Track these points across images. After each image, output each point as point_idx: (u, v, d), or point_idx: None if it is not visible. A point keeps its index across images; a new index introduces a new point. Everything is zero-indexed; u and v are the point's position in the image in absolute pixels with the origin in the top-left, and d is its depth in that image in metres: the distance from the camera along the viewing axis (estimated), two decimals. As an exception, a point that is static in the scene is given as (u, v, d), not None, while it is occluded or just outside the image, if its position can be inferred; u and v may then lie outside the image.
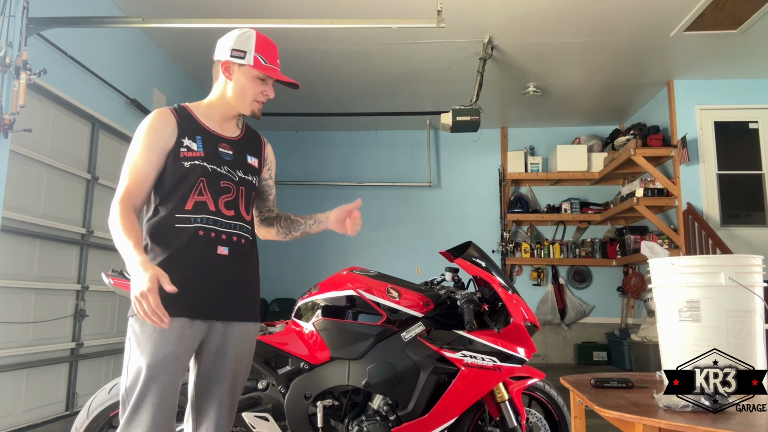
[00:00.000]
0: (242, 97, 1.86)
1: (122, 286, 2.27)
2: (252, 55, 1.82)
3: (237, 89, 1.85)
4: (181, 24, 4.40)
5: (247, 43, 1.83)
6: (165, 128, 1.78)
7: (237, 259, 1.81)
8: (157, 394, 1.62)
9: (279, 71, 1.89)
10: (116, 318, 4.85)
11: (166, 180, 1.76)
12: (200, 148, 1.80)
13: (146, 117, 1.81)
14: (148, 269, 1.51)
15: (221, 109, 1.89)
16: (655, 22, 5.02)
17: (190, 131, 1.81)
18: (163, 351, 1.64)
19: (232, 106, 1.88)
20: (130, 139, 1.80)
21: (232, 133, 1.92)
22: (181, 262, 1.71)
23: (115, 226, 1.63)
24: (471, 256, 2.42)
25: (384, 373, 2.25)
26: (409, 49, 5.59)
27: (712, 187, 6.17)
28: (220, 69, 1.87)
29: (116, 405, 2.22)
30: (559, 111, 7.41)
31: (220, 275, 1.77)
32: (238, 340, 1.82)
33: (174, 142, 1.77)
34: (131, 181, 1.72)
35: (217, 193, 1.80)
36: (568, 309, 7.58)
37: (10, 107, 3.33)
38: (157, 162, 1.76)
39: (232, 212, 1.82)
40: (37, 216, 3.87)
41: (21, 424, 3.71)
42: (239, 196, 1.86)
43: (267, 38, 1.89)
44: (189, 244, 1.73)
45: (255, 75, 1.84)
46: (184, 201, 1.76)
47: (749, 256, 1.68)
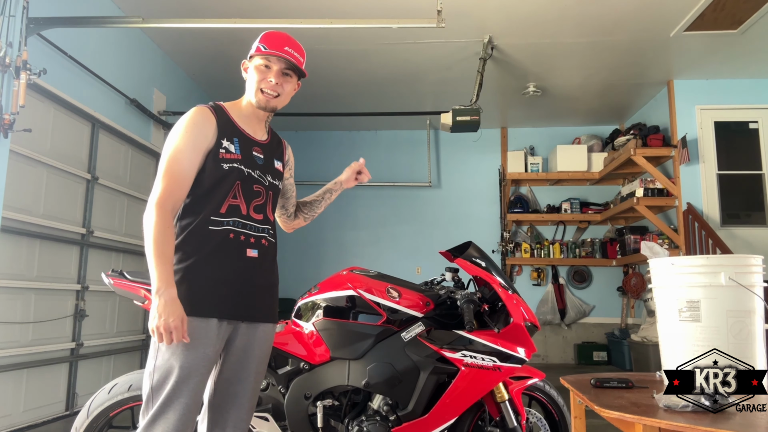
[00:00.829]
0: (251, 88, 1.88)
1: (122, 286, 2.26)
2: (255, 46, 1.86)
3: (248, 82, 1.90)
4: (181, 24, 4.40)
5: (256, 41, 1.88)
6: (207, 127, 1.76)
7: (264, 262, 1.84)
8: (188, 395, 1.64)
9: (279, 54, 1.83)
10: (116, 318, 4.85)
11: (205, 181, 1.75)
12: (238, 150, 1.80)
13: (185, 115, 1.79)
14: (177, 308, 1.58)
15: (249, 110, 1.91)
16: (655, 22, 5.02)
17: (228, 132, 1.81)
18: (194, 353, 1.65)
19: (251, 103, 1.90)
20: (130, 139, 1.80)
21: (262, 137, 1.94)
22: (212, 264, 1.72)
23: (151, 236, 1.61)
24: (471, 256, 2.42)
25: (384, 373, 2.25)
26: (409, 49, 5.59)
27: (712, 187, 6.17)
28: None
29: (116, 405, 2.22)
30: (559, 111, 7.41)
31: (249, 277, 1.79)
32: (260, 341, 1.85)
33: (214, 143, 1.76)
34: (173, 181, 1.68)
35: (250, 197, 1.82)
36: (568, 309, 7.59)
37: (10, 107, 3.33)
38: (198, 162, 1.74)
39: (260, 216, 1.85)
40: (37, 216, 3.87)
41: (21, 424, 3.71)
42: (268, 200, 1.88)
43: (276, 32, 1.91)
44: (220, 247, 1.74)
45: (257, 63, 1.87)
46: (219, 204, 1.76)
47: (749, 256, 1.68)
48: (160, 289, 1.58)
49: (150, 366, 1.68)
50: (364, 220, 8.02)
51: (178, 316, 1.58)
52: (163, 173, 1.69)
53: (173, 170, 1.69)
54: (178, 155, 1.71)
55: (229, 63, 5.97)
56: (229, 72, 6.17)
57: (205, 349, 1.67)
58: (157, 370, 1.66)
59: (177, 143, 1.72)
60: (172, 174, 1.69)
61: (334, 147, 8.12)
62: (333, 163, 8.03)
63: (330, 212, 7.88)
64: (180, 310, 1.59)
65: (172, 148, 1.72)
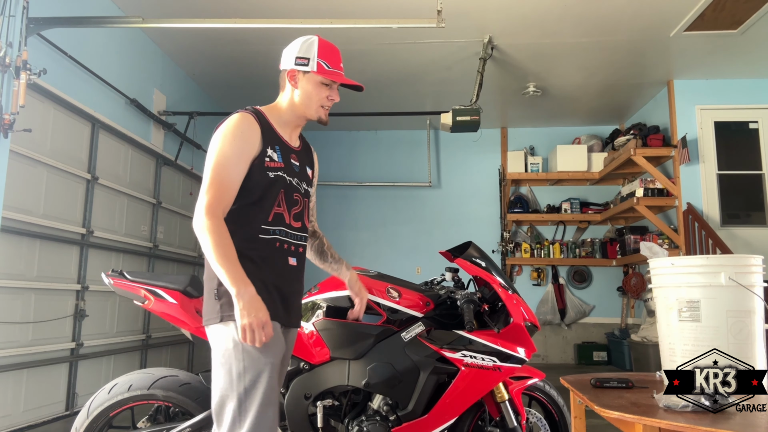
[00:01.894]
0: (308, 103, 1.87)
1: (122, 286, 2.26)
2: (315, 61, 1.84)
3: (303, 96, 1.86)
4: (181, 24, 4.40)
5: (310, 50, 1.85)
6: (253, 135, 1.75)
7: (301, 269, 1.90)
8: (275, 391, 1.70)
9: (342, 75, 1.90)
10: (116, 318, 4.85)
11: (252, 190, 1.74)
12: (280, 158, 1.81)
13: (230, 121, 1.75)
14: (262, 303, 1.62)
15: (290, 117, 1.90)
16: (655, 22, 5.02)
17: (271, 140, 1.80)
18: (275, 352, 1.70)
19: (300, 114, 1.89)
20: (130, 139, 1.80)
21: (296, 144, 1.95)
22: (264, 271, 1.74)
23: (211, 242, 1.60)
24: (471, 256, 2.42)
25: (384, 373, 2.25)
26: (409, 49, 5.59)
27: (712, 187, 6.17)
28: (287, 78, 1.88)
29: (116, 405, 2.21)
30: (559, 111, 7.41)
31: (290, 284, 1.83)
32: (290, 345, 1.92)
33: (260, 151, 1.75)
34: (221, 189, 1.67)
35: (290, 205, 1.83)
36: (568, 309, 7.59)
37: (10, 107, 3.33)
38: (245, 170, 1.73)
39: (299, 224, 1.87)
40: (37, 216, 3.87)
41: (21, 424, 3.71)
42: (305, 208, 1.91)
43: (329, 43, 1.90)
44: (270, 255, 1.77)
45: (319, 80, 1.85)
46: (267, 212, 1.77)
47: (749, 256, 1.68)
48: (240, 290, 1.59)
49: (237, 367, 1.65)
50: (364, 220, 8.01)
51: (266, 312, 1.61)
52: (210, 181, 1.67)
53: (221, 178, 1.68)
54: (226, 162, 1.69)
55: (229, 63, 5.97)
56: (229, 72, 6.17)
57: (281, 349, 1.74)
58: (248, 371, 1.64)
59: (224, 151, 1.70)
60: (220, 182, 1.67)
61: (334, 147, 8.11)
62: (333, 162, 8.04)
63: (330, 212, 7.91)
64: (264, 305, 1.61)
65: (219, 155, 1.70)
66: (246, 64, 5.92)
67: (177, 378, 2.27)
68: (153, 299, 2.24)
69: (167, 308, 2.23)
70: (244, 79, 6.27)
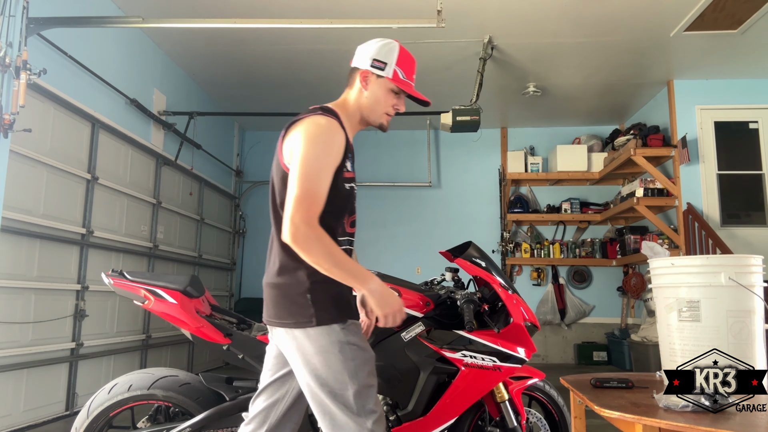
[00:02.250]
0: (375, 107, 1.82)
1: (122, 286, 2.26)
2: (392, 68, 1.81)
3: (371, 99, 1.82)
4: (181, 24, 4.41)
5: (390, 55, 1.82)
6: (340, 146, 1.70)
7: None
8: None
9: (413, 86, 1.87)
10: (116, 318, 4.85)
11: (334, 199, 1.69)
12: (353, 168, 1.77)
13: (320, 127, 1.68)
14: (392, 291, 1.67)
15: (356, 119, 1.85)
16: (655, 22, 5.02)
17: (348, 149, 1.76)
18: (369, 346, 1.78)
19: (365, 116, 1.84)
20: (130, 139, 1.79)
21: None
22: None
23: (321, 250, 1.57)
24: (471, 256, 2.42)
25: (384, 373, 2.25)
26: (409, 49, 5.57)
27: (712, 187, 6.17)
28: (358, 77, 1.83)
29: (116, 405, 2.21)
30: (559, 111, 7.41)
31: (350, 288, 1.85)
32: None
33: (341, 161, 1.70)
34: (317, 201, 1.61)
35: (353, 213, 1.84)
36: (568, 309, 7.59)
37: (10, 107, 3.33)
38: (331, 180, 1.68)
39: (354, 229, 1.86)
40: (37, 216, 3.87)
41: (21, 424, 3.71)
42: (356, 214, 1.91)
43: (409, 52, 1.87)
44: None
45: (391, 87, 1.82)
46: (342, 222, 1.76)
47: (749, 256, 1.68)
48: (368, 284, 1.62)
49: (352, 363, 1.65)
50: (364, 220, 8.00)
51: (397, 297, 1.67)
52: (305, 191, 1.60)
53: (317, 190, 1.62)
54: (321, 174, 1.63)
55: (229, 63, 5.97)
56: (229, 72, 6.17)
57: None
58: (361, 368, 1.66)
59: (320, 161, 1.64)
60: (316, 194, 1.61)
61: (334, 147, 8.10)
62: (333, 163, 8.04)
63: (330, 212, 7.89)
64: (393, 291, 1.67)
65: (316, 164, 1.63)
66: (246, 64, 5.92)
67: (177, 378, 2.27)
68: (153, 299, 2.23)
69: (167, 308, 2.23)
70: (244, 79, 6.27)
